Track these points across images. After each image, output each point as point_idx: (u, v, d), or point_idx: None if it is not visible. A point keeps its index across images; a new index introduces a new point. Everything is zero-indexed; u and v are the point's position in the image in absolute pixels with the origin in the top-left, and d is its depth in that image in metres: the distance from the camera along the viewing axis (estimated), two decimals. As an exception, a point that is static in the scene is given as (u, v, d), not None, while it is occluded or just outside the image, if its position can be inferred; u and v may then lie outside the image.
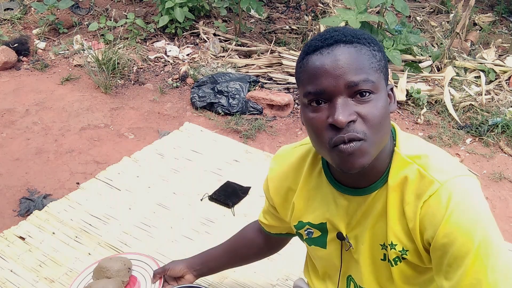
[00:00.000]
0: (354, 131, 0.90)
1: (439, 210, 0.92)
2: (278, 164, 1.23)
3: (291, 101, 3.81)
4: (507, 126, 3.54)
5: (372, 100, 0.91)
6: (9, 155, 3.20)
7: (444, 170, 0.96)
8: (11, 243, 2.39)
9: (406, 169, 0.99)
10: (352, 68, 0.89)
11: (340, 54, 0.90)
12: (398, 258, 1.04)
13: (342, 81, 0.89)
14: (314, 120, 0.93)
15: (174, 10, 4.56)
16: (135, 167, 3.00)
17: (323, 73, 0.90)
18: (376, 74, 0.92)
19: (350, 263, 1.14)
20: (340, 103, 0.90)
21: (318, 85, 0.91)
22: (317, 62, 0.91)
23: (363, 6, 3.90)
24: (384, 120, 0.93)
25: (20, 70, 4.28)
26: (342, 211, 1.08)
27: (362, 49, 0.92)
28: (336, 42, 0.92)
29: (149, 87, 4.10)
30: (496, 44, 4.87)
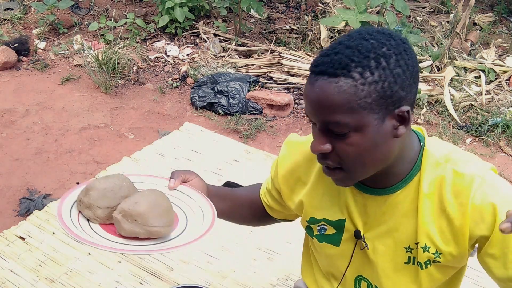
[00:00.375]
0: (328, 160, 0.93)
1: (487, 204, 0.93)
2: (290, 151, 1.20)
3: (291, 101, 3.81)
4: (507, 126, 3.54)
5: (350, 137, 0.89)
6: (9, 155, 3.20)
7: (476, 165, 0.99)
8: (11, 243, 2.39)
9: (440, 169, 0.99)
10: (325, 107, 0.88)
11: (318, 89, 0.88)
12: (429, 261, 1.02)
13: (318, 118, 0.91)
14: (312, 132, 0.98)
15: (174, 10, 4.56)
16: (135, 167, 3.00)
17: (306, 102, 0.93)
18: (354, 114, 0.87)
19: (363, 263, 1.12)
20: (317, 133, 0.93)
21: (306, 110, 0.95)
22: (305, 89, 0.93)
23: (363, 6, 3.90)
24: (366, 154, 0.91)
25: (20, 70, 4.28)
26: (361, 209, 1.06)
27: (344, 85, 0.86)
28: (321, 73, 0.88)
29: (149, 87, 4.10)
30: (496, 44, 4.87)
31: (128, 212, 0.99)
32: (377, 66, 0.86)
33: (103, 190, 1.03)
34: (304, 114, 3.80)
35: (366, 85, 0.86)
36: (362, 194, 1.05)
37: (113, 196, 1.04)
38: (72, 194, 1.08)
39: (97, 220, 1.03)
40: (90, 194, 1.03)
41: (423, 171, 1.00)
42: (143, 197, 1.02)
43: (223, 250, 2.41)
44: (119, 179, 1.07)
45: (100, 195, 1.03)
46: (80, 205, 1.04)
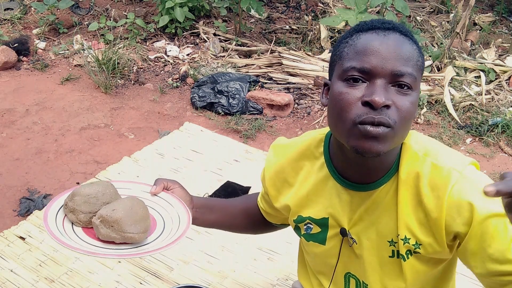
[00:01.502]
0: (386, 115, 0.90)
1: (465, 200, 0.93)
2: (275, 155, 1.22)
3: (291, 101, 3.81)
4: (507, 126, 3.54)
5: (410, 95, 0.92)
6: (9, 155, 3.20)
7: (455, 160, 0.99)
8: (11, 243, 2.39)
9: (418, 162, 1.00)
10: (403, 57, 0.91)
11: (395, 40, 0.91)
12: (409, 251, 1.03)
13: (390, 66, 0.90)
14: (345, 95, 0.92)
15: (174, 10, 4.56)
16: (135, 167, 3.00)
17: (374, 52, 0.91)
18: (418, 73, 0.93)
19: (350, 260, 1.13)
20: (381, 85, 0.90)
21: (366, 62, 0.91)
22: (370, 41, 0.91)
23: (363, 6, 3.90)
24: (412, 117, 0.94)
25: (20, 70, 4.28)
26: (346, 206, 1.07)
27: (414, 46, 0.94)
28: (394, 29, 0.93)
29: (149, 87, 4.10)
30: (496, 44, 4.87)
31: (105, 218, 1.06)
32: (417, 44, 0.96)
33: (86, 196, 1.11)
34: (304, 114, 3.80)
35: (420, 53, 0.95)
36: (348, 191, 1.06)
37: (95, 202, 1.11)
38: (61, 198, 1.15)
39: (80, 223, 1.11)
40: (74, 199, 1.11)
41: (401, 164, 1.01)
42: (121, 204, 1.09)
43: (223, 250, 2.41)
44: (103, 186, 1.15)
45: (83, 201, 1.10)
46: (65, 209, 1.12)
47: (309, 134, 1.18)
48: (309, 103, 3.92)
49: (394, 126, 0.90)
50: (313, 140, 1.14)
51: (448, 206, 0.95)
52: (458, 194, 0.94)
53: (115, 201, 1.12)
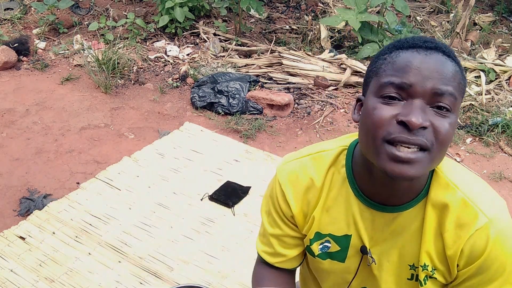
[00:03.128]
0: (423, 137, 0.85)
1: (482, 244, 0.94)
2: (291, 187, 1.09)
3: (291, 101, 3.81)
4: (507, 126, 3.54)
5: (448, 117, 0.87)
6: (9, 155, 3.20)
7: (488, 203, 0.96)
8: (11, 243, 2.39)
9: (449, 194, 0.96)
10: (444, 77, 0.87)
11: (437, 60, 0.88)
12: (426, 277, 1.02)
13: (431, 85, 0.86)
14: (380, 111, 0.88)
15: (174, 10, 4.56)
16: (135, 167, 3.00)
17: (414, 70, 0.87)
18: (459, 94, 0.89)
19: (367, 278, 1.10)
20: (419, 105, 0.86)
21: (405, 78, 0.87)
22: (411, 58, 0.88)
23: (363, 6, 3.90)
24: (450, 141, 0.90)
25: (20, 70, 4.27)
26: (368, 225, 1.04)
27: (456, 67, 0.90)
28: (436, 48, 0.90)
29: (149, 87, 4.10)
30: (496, 44, 4.86)
31: None
32: (460, 65, 0.92)
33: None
34: (304, 113, 3.80)
35: (463, 76, 0.92)
36: (370, 210, 1.02)
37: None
38: None
39: None
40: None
41: (431, 191, 0.98)
42: None
43: (223, 250, 2.41)
44: None
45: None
46: None
47: (309, 149, 1.12)
48: (309, 103, 3.92)
49: (431, 149, 0.86)
50: (335, 151, 1.08)
51: (464, 248, 0.96)
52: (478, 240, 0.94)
53: None
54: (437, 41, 0.92)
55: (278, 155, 3.22)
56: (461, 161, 3.30)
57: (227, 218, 2.62)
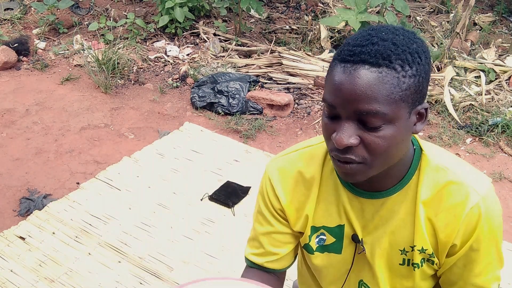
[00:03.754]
0: (352, 154, 0.89)
1: (475, 221, 0.97)
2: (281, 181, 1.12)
3: (291, 101, 3.81)
4: (507, 126, 3.54)
5: (381, 129, 0.87)
6: (9, 155, 3.20)
7: (478, 181, 0.99)
8: (11, 243, 2.39)
9: (440, 175, 0.99)
10: (365, 97, 0.84)
11: (358, 78, 0.85)
12: (423, 259, 1.04)
13: (352, 107, 0.86)
14: (325, 126, 0.93)
15: (174, 10, 4.56)
16: (135, 167, 3.00)
17: (337, 91, 0.87)
18: (393, 105, 0.86)
19: (363, 267, 1.12)
20: (345, 126, 0.88)
21: (332, 100, 0.89)
22: (337, 77, 0.88)
23: (363, 6, 3.90)
24: (393, 147, 0.90)
25: (20, 70, 4.28)
26: (359, 214, 1.06)
27: (387, 76, 0.85)
28: (362, 62, 0.85)
29: (149, 87, 4.10)
30: (496, 44, 4.87)
31: None
32: (413, 60, 0.87)
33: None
34: (304, 114, 3.80)
35: (407, 77, 0.86)
36: (358, 199, 1.04)
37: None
38: None
39: None
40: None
41: (422, 176, 1.00)
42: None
43: (223, 250, 2.41)
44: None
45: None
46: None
47: (314, 140, 1.15)
48: (309, 103, 3.92)
49: (364, 162, 0.90)
50: (321, 144, 1.11)
51: (461, 226, 0.98)
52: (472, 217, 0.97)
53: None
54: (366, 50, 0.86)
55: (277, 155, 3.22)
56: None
57: (227, 218, 2.62)
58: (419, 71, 0.87)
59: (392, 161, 0.93)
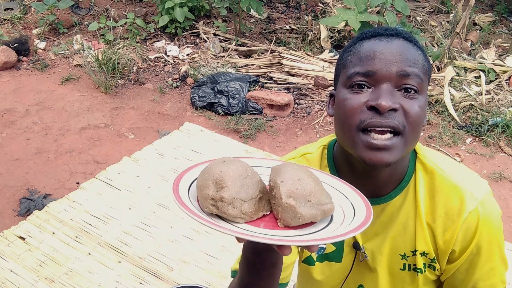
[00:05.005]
0: (394, 119, 0.87)
1: (474, 226, 0.96)
2: None
3: (291, 101, 3.81)
4: (507, 126, 3.54)
5: (417, 98, 0.90)
6: (9, 155, 3.20)
7: (476, 185, 0.98)
8: (11, 243, 2.39)
9: (437, 179, 0.98)
10: (408, 60, 0.89)
11: (399, 45, 0.90)
12: (425, 264, 1.03)
13: (395, 68, 0.88)
14: (350, 101, 0.90)
15: (174, 10, 4.56)
16: (135, 167, 3.00)
17: (378, 56, 0.89)
18: (425, 76, 0.92)
19: (363, 273, 1.11)
20: (387, 89, 0.88)
21: (370, 66, 0.89)
22: (374, 46, 0.91)
23: (363, 6, 3.90)
24: (422, 122, 0.92)
25: (20, 70, 4.27)
26: None
27: (419, 51, 0.93)
28: (397, 35, 0.92)
29: (149, 87, 4.10)
30: (496, 44, 4.86)
31: (298, 193, 0.77)
32: (423, 49, 0.95)
33: (240, 178, 0.79)
34: (304, 114, 3.80)
35: (426, 59, 0.94)
36: None
37: (252, 183, 0.81)
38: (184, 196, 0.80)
39: (244, 218, 0.79)
40: (227, 187, 0.78)
41: (418, 179, 0.99)
42: (296, 171, 0.80)
43: (223, 250, 2.41)
44: (239, 161, 0.83)
45: (240, 185, 0.79)
46: (214, 206, 0.79)
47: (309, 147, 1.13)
48: (309, 103, 3.92)
49: (403, 131, 0.87)
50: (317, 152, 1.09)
51: (459, 231, 0.97)
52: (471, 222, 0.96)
53: (277, 171, 0.81)
54: (398, 28, 0.95)
55: (278, 155, 3.22)
56: (461, 161, 3.29)
57: (227, 218, 2.62)
58: (429, 62, 0.96)
59: (416, 140, 0.94)
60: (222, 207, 0.78)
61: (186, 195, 0.81)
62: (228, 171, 0.79)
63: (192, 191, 0.83)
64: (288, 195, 0.77)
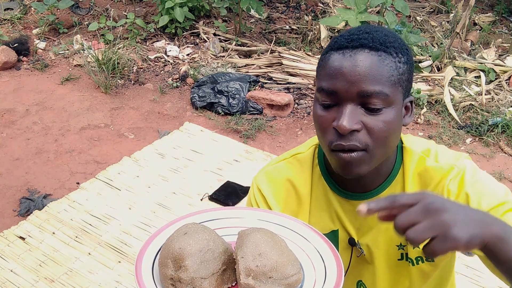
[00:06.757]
0: (356, 141, 0.88)
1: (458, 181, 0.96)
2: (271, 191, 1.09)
3: (291, 101, 3.81)
4: (507, 126, 3.54)
5: (382, 113, 0.89)
6: (9, 155, 3.20)
7: (455, 158, 1.00)
8: (11, 243, 2.39)
9: (423, 163, 1.00)
10: (369, 77, 0.87)
11: (361, 60, 0.88)
12: (420, 258, 1.03)
13: (355, 88, 0.87)
14: (320, 118, 0.92)
15: (174, 10, 4.56)
16: (135, 167, 3.00)
17: (339, 75, 0.89)
18: (393, 88, 0.89)
19: (362, 268, 1.11)
20: (348, 109, 0.88)
21: (332, 85, 0.89)
22: (336, 62, 0.90)
23: (363, 6, 3.90)
24: (392, 134, 0.91)
25: (20, 70, 4.27)
26: (352, 217, 1.05)
27: (386, 60, 0.89)
28: (361, 46, 0.89)
29: (149, 87, 4.10)
30: (496, 44, 4.86)
31: (258, 270, 0.74)
32: (403, 49, 0.92)
33: (199, 254, 0.76)
34: (304, 114, 3.80)
35: (401, 63, 0.91)
36: (349, 201, 1.04)
37: (213, 256, 0.77)
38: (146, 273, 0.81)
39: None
40: (186, 266, 0.75)
41: (406, 169, 1.01)
42: (259, 242, 0.77)
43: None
44: (202, 230, 0.80)
45: (199, 262, 0.76)
46: (175, 286, 0.77)
47: (300, 148, 1.13)
48: (309, 103, 3.92)
49: (367, 149, 0.89)
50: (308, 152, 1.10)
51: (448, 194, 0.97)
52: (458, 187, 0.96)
53: (241, 241, 0.78)
54: (363, 37, 0.90)
55: (278, 155, 3.22)
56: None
57: (227, 218, 2.62)
58: (409, 60, 0.92)
59: (389, 150, 0.94)
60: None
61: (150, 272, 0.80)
62: (186, 248, 0.77)
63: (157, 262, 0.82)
64: (247, 274, 0.74)
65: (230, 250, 0.81)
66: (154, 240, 0.84)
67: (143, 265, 0.81)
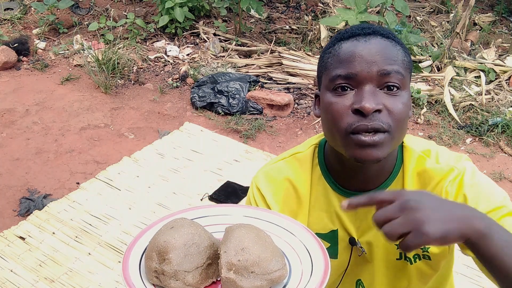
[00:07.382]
0: (379, 120, 0.89)
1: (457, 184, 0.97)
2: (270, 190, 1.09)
3: (291, 101, 3.81)
4: (507, 126, 3.54)
5: (399, 95, 0.91)
6: (9, 155, 3.20)
7: (455, 160, 1.00)
8: (11, 243, 2.39)
9: (422, 163, 1.01)
10: (387, 58, 0.90)
11: (377, 43, 0.91)
12: (418, 255, 1.04)
13: (376, 68, 0.89)
14: (336, 105, 0.92)
15: (174, 10, 4.56)
16: (135, 167, 3.00)
17: (357, 58, 0.90)
18: (406, 71, 0.93)
19: (361, 267, 1.11)
20: (369, 90, 0.89)
21: (351, 68, 0.90)
22: (353, 47, 0.92)
23: (363, 6, 3.90)
24: (406, 118, 0.94)
25: (20, 70, 4.27)
26: (352, 216, 1.05)
27: (398, 46, 0.94)
28: (374, 33, 0.93)
29: (149, 87, 4.10)
30: (496, 44, 4.86)
31: (240, 264, 0.74)
32: (402, 44, 0.96)
33: (184, 247, 0.77)
34: (304, 114, 3.80)
35: (406, 53, 0.95)
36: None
37: (198, 251, 0.78)
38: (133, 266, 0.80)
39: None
40: (170, 259, 0.76)
41: (406, 168, 1.01)
42: (244, 237, 0.77)
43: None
44: (188, 225, 0.80)
45: (183, 255, 0.77)
46: (158, 278, 0.77)
47: (299, 147, 1.13)
48: (309, 103, 3.92)
49: (389, 130, 0.90)
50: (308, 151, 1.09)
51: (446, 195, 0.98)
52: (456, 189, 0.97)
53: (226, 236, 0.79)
54: (375, 26, 0.95)
55: (278, 155, 3.22)
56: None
57: (227, 218, 2.62)
58: (409, 55, 0.97)
59: (402, 137, 0.96)
60: (164, 280, 0.77)
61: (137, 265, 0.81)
62: (171, 241, 0.77)
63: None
64: (228, 268, 0.75)
65: (217, 245, 0.81)
66: (144, 235, 0.86)
67: (130, 258, 0.81)
